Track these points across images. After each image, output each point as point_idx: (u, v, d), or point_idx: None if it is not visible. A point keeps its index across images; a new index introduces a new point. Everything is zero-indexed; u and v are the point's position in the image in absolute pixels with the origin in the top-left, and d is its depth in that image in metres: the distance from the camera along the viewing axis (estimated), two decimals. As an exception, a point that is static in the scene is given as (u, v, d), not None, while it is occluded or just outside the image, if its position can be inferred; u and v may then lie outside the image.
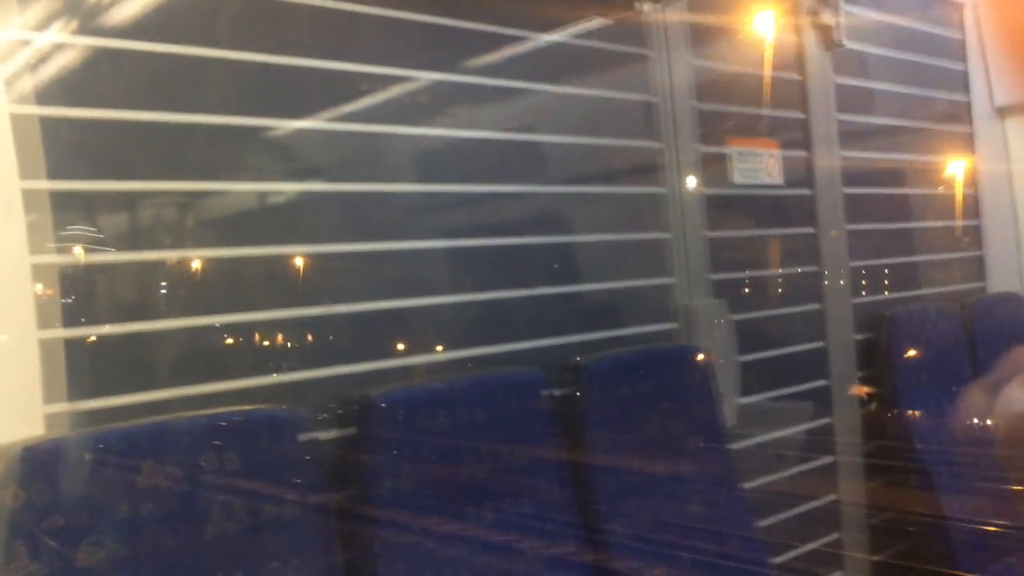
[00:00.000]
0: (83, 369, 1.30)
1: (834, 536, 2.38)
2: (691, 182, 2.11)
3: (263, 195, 1.59)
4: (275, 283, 1.55)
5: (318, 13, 1.59)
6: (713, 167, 2.19)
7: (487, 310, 1.82)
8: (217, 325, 1.45)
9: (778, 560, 2.11)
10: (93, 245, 1.34)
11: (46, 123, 1.30)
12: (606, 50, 2.03)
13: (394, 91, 1.71)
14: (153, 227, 1.44)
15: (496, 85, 1.85)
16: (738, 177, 2.24)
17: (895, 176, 2.83)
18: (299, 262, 1.57)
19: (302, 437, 1.39)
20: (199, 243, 1.47)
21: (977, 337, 2.65)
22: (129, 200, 1.41)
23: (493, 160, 1.87)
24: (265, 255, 1.52)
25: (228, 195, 1.53)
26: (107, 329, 1.34)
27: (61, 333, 1.29)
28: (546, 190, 1.95)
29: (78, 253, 1.33)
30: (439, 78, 1.76)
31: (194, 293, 1.45)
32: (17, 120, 1.27)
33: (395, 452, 1.49)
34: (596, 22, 2.00)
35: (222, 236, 1.50)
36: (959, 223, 2.99)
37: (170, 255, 1.43)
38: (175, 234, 1.45)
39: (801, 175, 2.42)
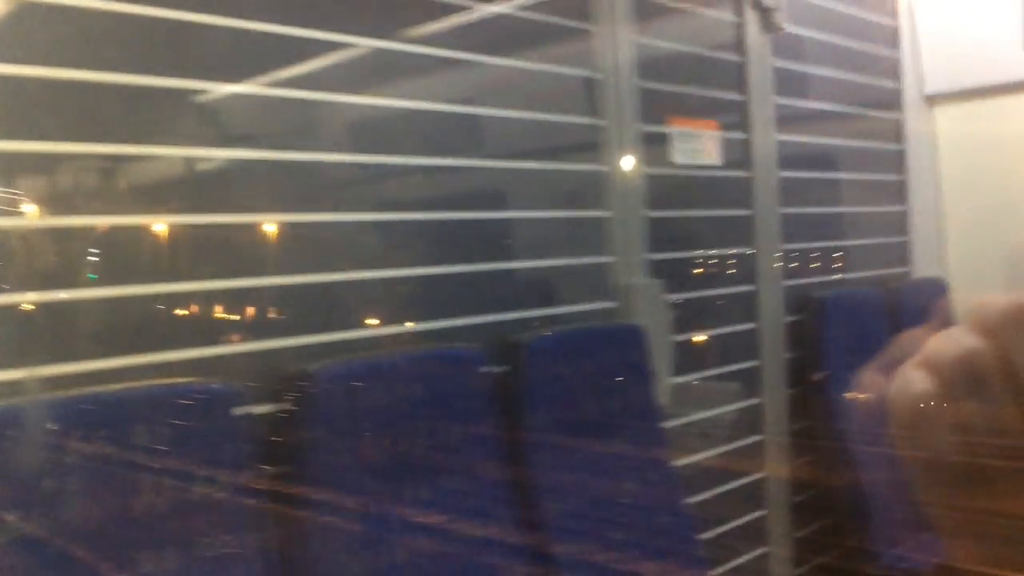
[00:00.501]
0: (4, 338, 1.24)
1: (761, 512, 2.43)
2: (632, 161, 2.10)
3: (192, 161, 1.53)
4: (206, 253, 1.50)
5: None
6: (654, 146, 2.19)
7: (423, 286, 1.79)
8: (147, 295, 1.39)
9: (707, 535, 2.14)
10: (13, 208, 1.27)
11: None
12: (548, 23, 2.00)
13: (329, 58, 1.65)
14: (76, 191, 1.37)
15: (434, 55, 1.80)
16: (679, 157, 2.25)
17: (827, 160, 2.88)
18: (230, 232, 1.52)
19: (236, 411, 1.35)
20: (126, 209, 1.41)
21: (901, 320, 2.72)
22: (52, 163, 1.34)
23: (430, 132, 1.83)
24: (194, 224, 1.47)
25: (156, 160, 1.47)
26: (29, 296, 1.28)
27: (-22, 300, 1.23)
28: (485, 164, 1.93)
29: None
30: (373, 45, 1.71)
31: (121, 261, 1.39)
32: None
33: (331, 427, 1.46)
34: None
35: (150, 202, 1.44)
36: (887, 208, 3.06)
37: (95, 221, 1.37)
38: (100, 199, 1.39)
39: (739, 156, 2.44)
